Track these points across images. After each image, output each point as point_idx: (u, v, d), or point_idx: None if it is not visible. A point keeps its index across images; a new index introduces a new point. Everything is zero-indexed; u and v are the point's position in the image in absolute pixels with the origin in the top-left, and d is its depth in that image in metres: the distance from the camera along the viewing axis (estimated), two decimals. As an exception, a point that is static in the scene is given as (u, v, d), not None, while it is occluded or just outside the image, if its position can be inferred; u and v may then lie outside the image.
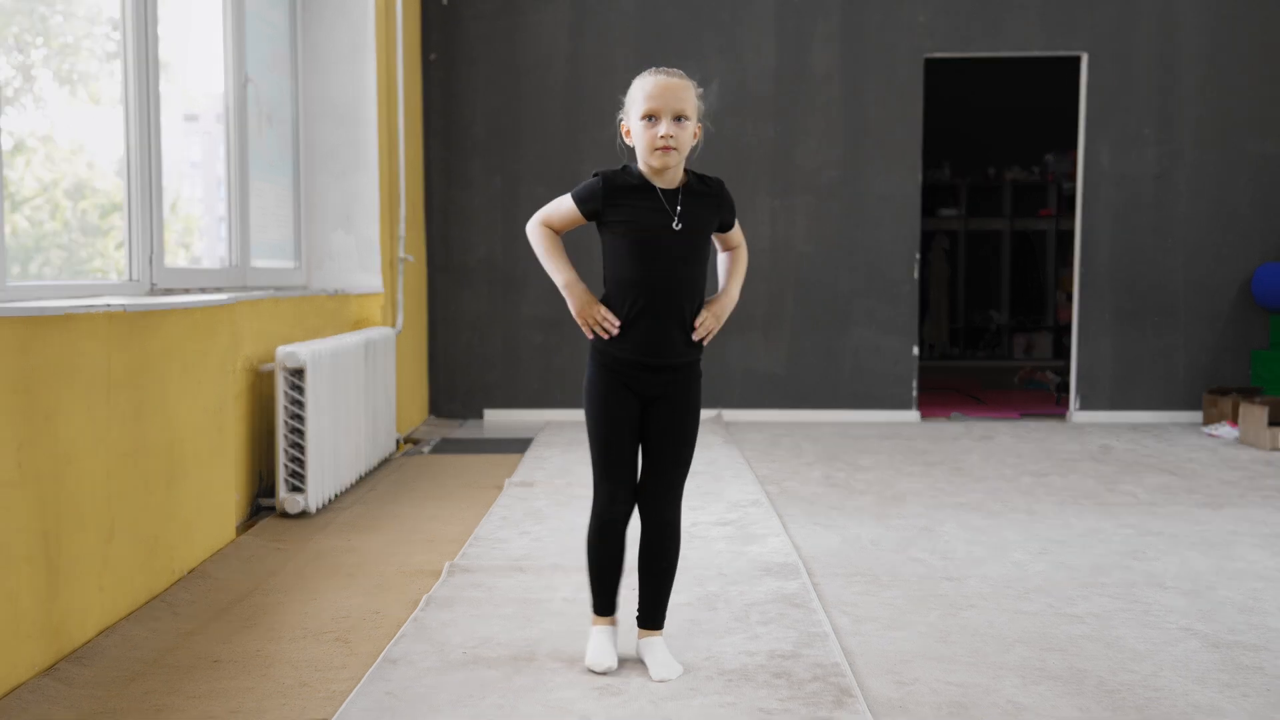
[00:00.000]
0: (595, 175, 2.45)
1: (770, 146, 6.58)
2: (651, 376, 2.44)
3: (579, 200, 2.45)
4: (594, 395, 2.46)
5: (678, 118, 2.36)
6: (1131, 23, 6.52)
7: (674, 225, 2.37)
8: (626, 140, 2.46)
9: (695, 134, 2.44)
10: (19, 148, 3.20)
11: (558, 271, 2.49)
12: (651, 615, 2.54)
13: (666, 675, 2.42)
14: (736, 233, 2.58)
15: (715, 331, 2.50)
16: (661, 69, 2.43)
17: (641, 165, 2.42)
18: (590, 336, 2.45)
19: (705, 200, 2.44)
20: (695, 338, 2.45)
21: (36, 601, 2.44)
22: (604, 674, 2.44)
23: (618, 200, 2.41)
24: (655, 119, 2.36)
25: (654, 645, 2.50)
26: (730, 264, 2.60)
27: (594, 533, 2.52)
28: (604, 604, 2.55)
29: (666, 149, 2.34)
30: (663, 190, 2.40)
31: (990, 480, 4.77)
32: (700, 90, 2.47)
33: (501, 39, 6.54)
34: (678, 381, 2.48)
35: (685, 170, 2.45)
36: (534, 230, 2.53)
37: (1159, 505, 4.26)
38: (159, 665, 2.54)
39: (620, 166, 2.47)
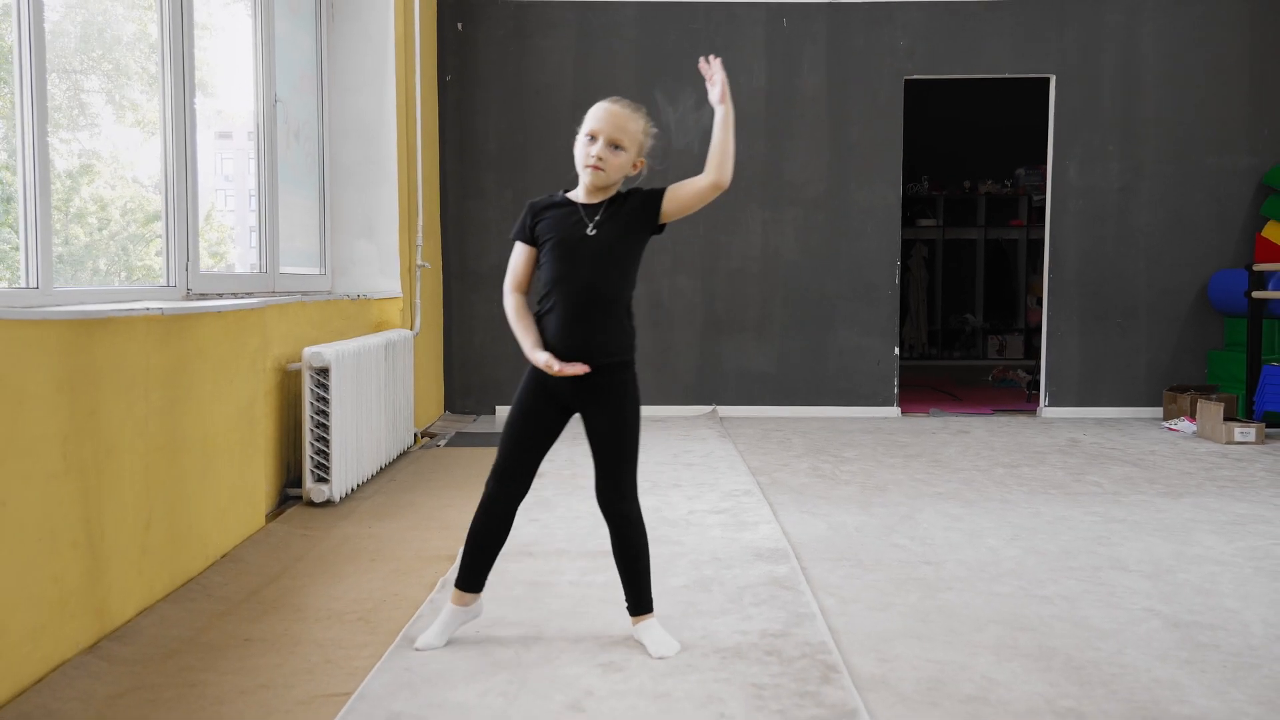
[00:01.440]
0: (526, 205, 2.49)
1: (761, 161, 6.58)
2: (570, 383, 2.42)
3: (516, 236, 2.48)
4: (518, 390, 2.49)
5: (614, 145, 2.36)
6: (1096, 47, 6.51)
7: (588, 231, 2.38)
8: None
9: (636, 165, 2.43)
10: (85, 168, 3.21)
11: (522, 340, 2.47)
12: (636, 602, 2.52)
13: (664, 652, 2.42)
14: (681, 184, 2.42)
15: (723, 83, 2.44)
16: (620, 100, 2.41)
17: (580, 187, 2.43)
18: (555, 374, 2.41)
19: (624, 207, 2.41)
20: (713, 91, 2.40)
21: (80, 584, 2.44)
22: (420, 649, 2.42)
23: (541, 218, 2.44)
24: (594, 139, 2.37)
25: (649, 627, 2.49)
26: (712, 166, 2.41)
27: (477, 511, 2.50)
28: (465, 578, 2.49)
29: (595, 168, 2.35)
30: (584, 204, 2.41)
31: (966, 471, 4.77)
32: (654, 130, 2.46)
33: (512, 62, 6.54)
34: (604, 386, 2.46)
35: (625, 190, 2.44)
36: (505, 299, 2.53)
37: (1123, 495, 4.26)
38: (194, 643, 2.54)
39: (548, 196, 2.49)
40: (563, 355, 2.39)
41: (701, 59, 2.41)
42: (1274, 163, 6.50)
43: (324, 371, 3.91)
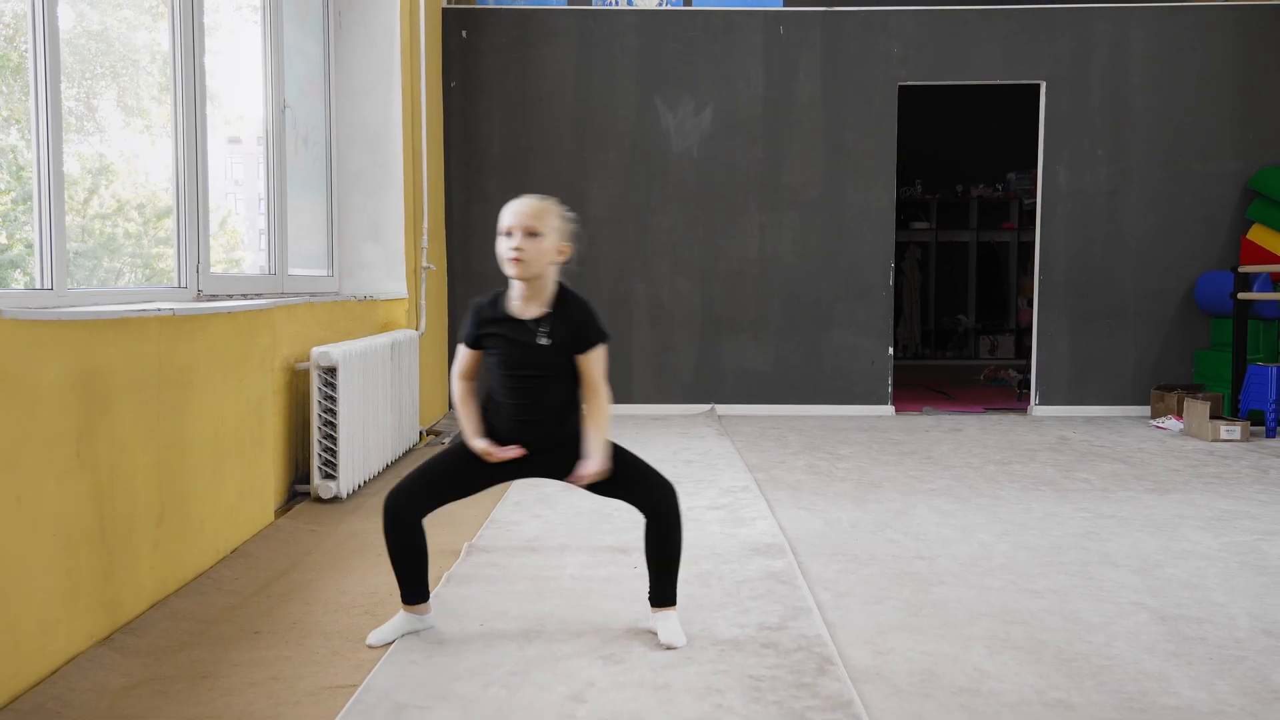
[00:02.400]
0: (471, 306, 2.49)
1: (759, 166, 6.58)
2: (541, 462, 2.47)
3: (463, 340, 2.49)
4: (462, 439, 2.47)
5: (529, 233, 2.37)
6: (1086, 55, 6.51)
7: (539, 341, 2.39)
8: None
9: (562, 251, 2.44)
10: (104, 170, 3.22)
11: (464, 424, 2.47)
12: (655, 594, 2.53)
13: (670, 642, 2.43)
14: (594, 364, 2.42)
15: (598, 472, 2.40)
16: (527, 197, 2.45)
17: (514, 292, 2.43)
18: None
19: (567, 319, 2.41)
20: (581, 484, 2.41)
21: (94, 578, 2.44)
22: (371, 645, 2.44)
23: (484, 326, 2.44)
24: (510, 234, 2.38)
25: (662, 618, 2.50)
26: (589, 413, 2.44)
27: (383, 529, 2.48)
28: (402, 592, 2.51)
29: (515, 260, 2.36)
30: (528, 320, 2.41)
31: (958, 468, 4.77)
32: (571, 216, 2.48)
33: (515, 69, 6.54)
34: (569, 447, 2.45)
35: (559, 290, 2.45)
36: (453, 384, 2.54)
37: (1111, 491, 4.25)
38: (204, 636, 2.54)
39: (491, 297, 2.48)
40: (525, 446, 2.42)
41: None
42: (1259, 167, 6.49)
43: (332, 371, 3.91)
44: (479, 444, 2.41)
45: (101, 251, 3.26)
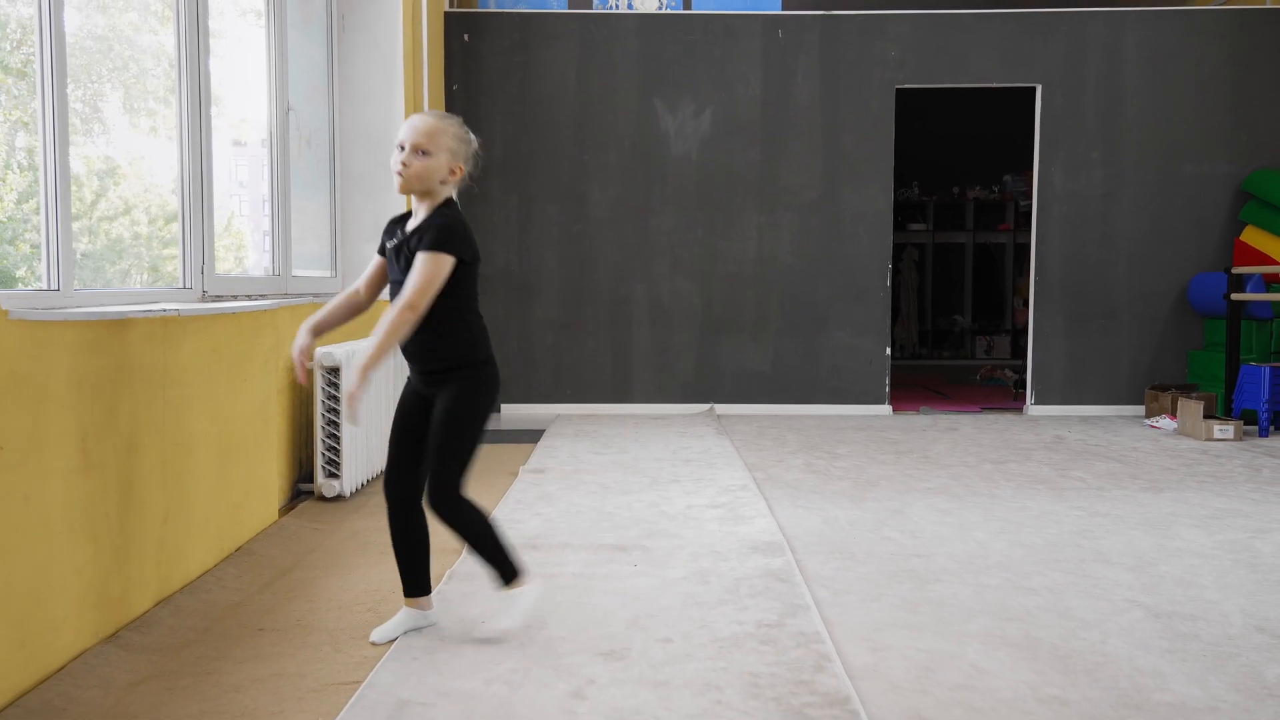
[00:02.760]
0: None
1: (758, 168, 6.58)
2: (419, 377, 2.45)
3: (379, 249, 2.54)
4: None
5: (418, 150, 2.34)
6: (1080, 58, 6.52)
7: (389, 243, 2.42)
8: None
9: (455, 171, 2.39)
10: (111, 172, 3.22)
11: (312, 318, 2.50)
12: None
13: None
14: (416, 265, 2.29)
15: (354, 391, 2.20)
16: (431, 112, 2.42)
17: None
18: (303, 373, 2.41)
19: (424, 227, 2.37)
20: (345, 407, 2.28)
21: (100, 575, 2.44)
22: (374, 642, 2.44)
23: (387, 234, 2.47)
24: (400, 149, 2.36)
25: (508, 596, 2.47)
26: (385, 318, 2.29)
27: (388, 522, 2.51)
28: (404, 585, 2.52)
29: (399, 173, 2.35)
30: (406, 228, 2.41)
31: (955, 467, 4.77)
32: (469, 138, 2.43)
33: (516, 72, 6.54)
34: (443, 384, 2.41)
35: (442, 205, 2.40)
36: (349, 293, 2.55)
37: (1106, 490, 4.25)
38: (209, 633, 2.54)
39: (407, 212, 2.48)
40: (410, 361, 2.45)
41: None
42: (1251, 169, 6.50)
43: (335, 371, 3.91)
44: (298, 340, 2.40)
45: (109, 254, 3.26)
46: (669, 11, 6.58)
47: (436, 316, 2.37)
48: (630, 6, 6.62)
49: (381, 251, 2.51)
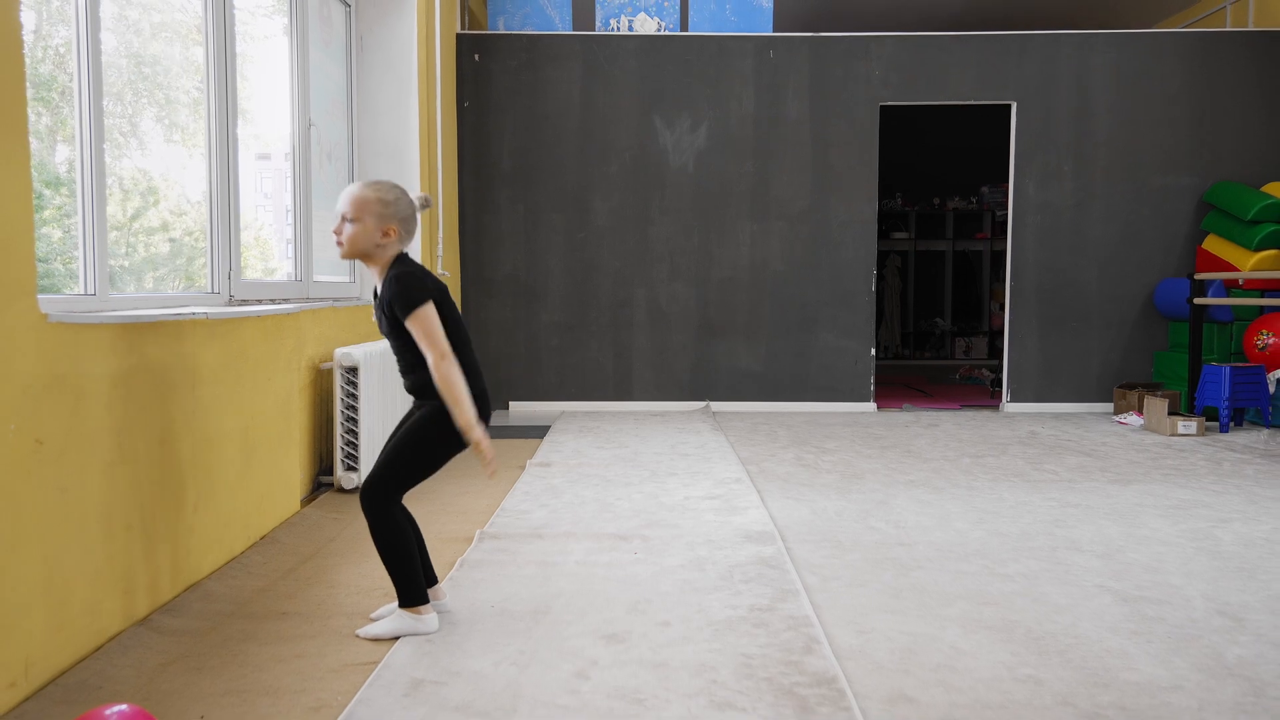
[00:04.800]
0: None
1: (750, 180, 6.58)
2: (412, 399, 2.50)
3: None
4: (448, 440, 2.41)
5: (349, 219, 2.35)
6: (1053, 77, 6.51)
7: (380, 310, 2.42)
8: None
9: (387, 233, 2.35)
10: (150, 190, 3.21)
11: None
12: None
13: (365, 632, 2.39)
14: (414, 331, 2.31)
15: (484, 449, 2.31)
16: (357, 184, 2.38)
17: None
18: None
19: (385, 289, 2.37)
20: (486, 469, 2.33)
21: (133, 562, 2.44)
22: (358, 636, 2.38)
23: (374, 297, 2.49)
24: (340, 219, 2.38)
25: (386, 610, 2.49)
26: (444, 380, 2.31)
27: (391, 528, 2.40)
28: (418, 590, 2.43)
29: (337, 243, 2.38)
30: (375, 286, 2.45)
31: (936, 461, 4.77)
32: (391, 198, 2.37)
33: (524, 90, 6.54)
34: (415, 411, 2.47)
35: (392, 264, 2.38)
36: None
37: (1077, 482, 4.25)
38: (236, 616, 2.54)
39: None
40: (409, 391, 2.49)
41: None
42: (1213, 182, 6.50)
43: (353, 370, 3.91)
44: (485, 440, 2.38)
45: (146, 266, 3.26)
46: (667, 33, 6.58)
47: (414, 361, 2.39)
48: (631, 28, 6.62)
49: None
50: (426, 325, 2.30)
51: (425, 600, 2.40)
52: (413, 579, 2.38)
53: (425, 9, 5.47)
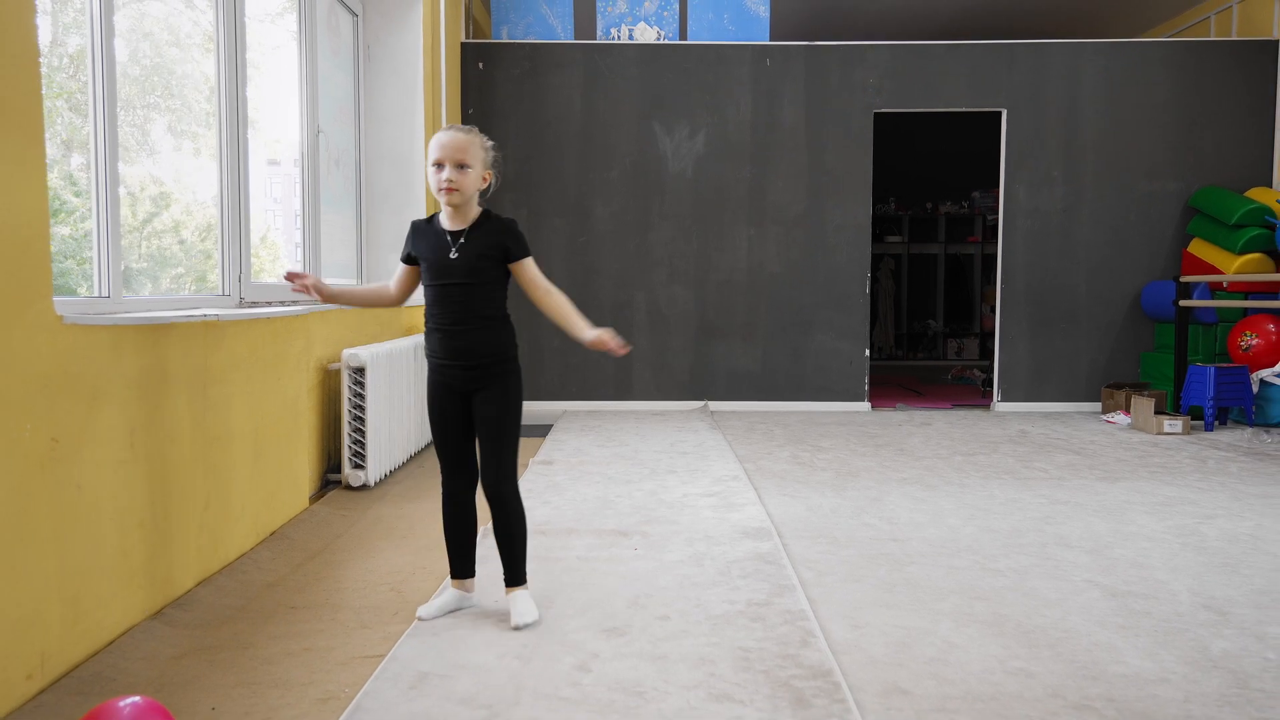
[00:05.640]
0: (411, 225, 2.46)
1: (747, 185, 6.58)
2: (462, 373, 2.38)
3: (403, 256, 2.46)
4: (428, 395, 2.44)
5: (459, 165, 2.30)
6: (1043, 85, 6.51)
7: (451, 254, 2.34)
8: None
9: (486, 178, 2.37)
10: (164, 196, 3.21)
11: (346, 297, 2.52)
12: (511, 575, 2.47)
13: (521, 621, 2.37)
14: (529, 268, 2.40)
15: (610, 343, 2.36)
16: (452, 126, 2.36)
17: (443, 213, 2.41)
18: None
19: (488, 232, 2.36)
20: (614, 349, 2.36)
21: (147, 558, 2.44)
22: (420, 618, 2.41)
23: (418, 241, 2.41)
24: (440, 166, 2.31)
25: (516, 598, 2.44)
26: (551, 312, 2.42)
27: (442, 512, 2.49)
28: (451, 566, 2.51)
29: (449, 189, 2.31)
30: (450, 230, 2.37)
31: (928, 459, 4.77)
32: (490, 144, 2.40)
33: (527, 98, 6.54)
34: (479, 379, 2.39)
35: (483, 212, 2.39)
36: (371, 284, 2.53)
37: (1066, 479, 4.25)
38: (246, 610, 2.54)
39: (429, 218, 2.44)
40: (446, 359, 2.38)
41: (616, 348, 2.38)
42: (1198, 187, 6.50)
43: (361, 371, 3.91)
44: (311, 279, 2.38)
45: (159, 269, 3.26)
46: (667, 42, 6.58)
47: (492, 312, 2.39)
48: (631, 37, 6.62)
49: (406, 259, 2.45)
50: (538, 271, 2.41)
51: (527, 579, 2.50)
52: (526, 558, 2.49)
53: (430, 19, 5.47)
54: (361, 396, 3.91)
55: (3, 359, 1.92)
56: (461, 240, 2.35)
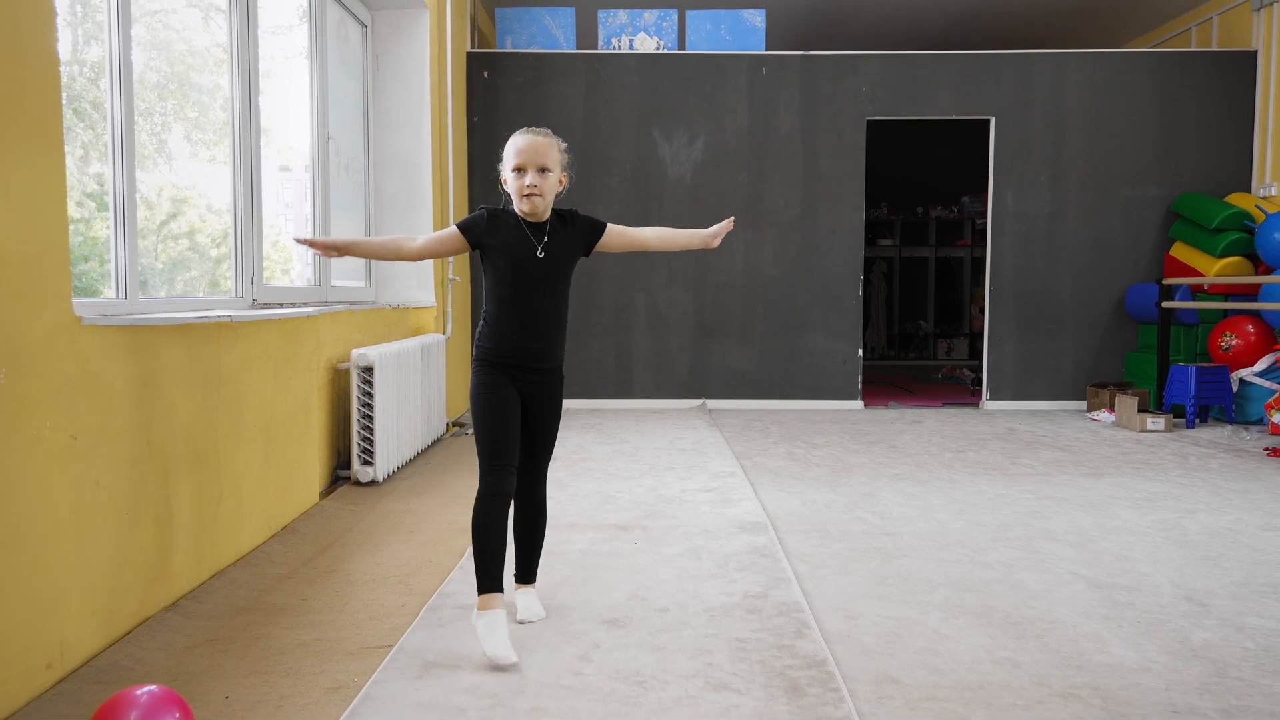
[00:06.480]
0: (481, 209, 2.30)
1: (744, 190, 6.58)
2: (526, 375, 2.28)
3: (465, 229, 2.27)
4: (482, 393, 2.25)
5: (541, 170, 2.23)
6: (1029, 94, 6.52)
7: (538, 253, 2.25)
8: (504, 186, 2.29)
9: (561, 181, 2.30)
10: (180, 201, 3.22)
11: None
12: (526, 572, 2.45)
13: (527, 617, 2.36)
14: (615, 230, 2.38)
15: (728, 227, 2.54)
16: (530, 129, 2.26)
17: (515, 208, 2.28)
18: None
19: (567, 229, 2.30)
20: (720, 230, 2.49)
21: (162, 551, 2.44)
22: (507, 668, 2.07)
23: (494, 228, 2.26)
24: (523, 171, 2.23)
25: (526, 594, 2.43)
26: (666, 245, 2.48)
27: (483, 512, 2.18)
28: (491, 579, 2.18)
29: (532, 195, 2.22)
30: (531, 224, 2.27)
31: (919, 456, 4.77)
32: (565, 145, 2.33)
33: (531, 105, 6.54)
34: (545, 384, 2.32)
35: (553, 210, 2.33)
36: (390, 235, 2.40)
37: (1052, 475, 4.26)
38: (258, 602, 2.54)
39: (502, 205, 2.32)
40: (517, 361, 2.26)
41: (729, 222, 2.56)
42: (1179, 192, 6.50)
43: (369, 370, 3.91)
44: (328, 239, 2.28)
45: (176, 270, 3.26)
46: (666, 52, 6.58)
47: (566, 315, 2.35)
48: (631, 47, 6.62)
49: (476, 243, 2.27)
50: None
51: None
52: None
53: (437, 29, 5.47)
54: (370, 395, 3.91)
55: (24, 359, 1.93)
56: (546, 238, 2.26)
